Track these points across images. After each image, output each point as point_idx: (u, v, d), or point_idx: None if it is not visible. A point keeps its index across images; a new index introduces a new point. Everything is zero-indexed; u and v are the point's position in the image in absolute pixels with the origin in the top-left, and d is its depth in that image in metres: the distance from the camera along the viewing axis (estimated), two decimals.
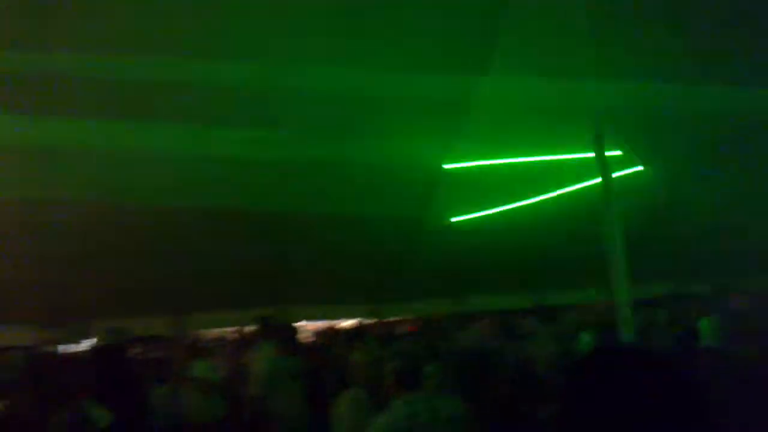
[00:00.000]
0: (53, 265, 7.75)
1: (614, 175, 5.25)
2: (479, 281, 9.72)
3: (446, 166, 6.57)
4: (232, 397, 7.29)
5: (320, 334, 10.43)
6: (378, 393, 5.40)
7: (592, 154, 5.29)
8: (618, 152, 5.68)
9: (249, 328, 9.34)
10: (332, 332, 10.13)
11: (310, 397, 6.64)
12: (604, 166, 5.12)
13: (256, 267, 8.43)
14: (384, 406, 4.13)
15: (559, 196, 7.27)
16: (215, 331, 11.21)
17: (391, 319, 10.72)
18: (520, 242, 8.47)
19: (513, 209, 7.63)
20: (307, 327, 10.65)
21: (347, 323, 11.22)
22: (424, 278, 9.21)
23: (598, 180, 5.18)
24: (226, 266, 8.23)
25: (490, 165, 6.56)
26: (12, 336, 7.89)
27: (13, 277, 7.64)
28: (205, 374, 7.47)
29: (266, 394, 6.37)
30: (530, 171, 6.73)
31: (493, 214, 7.80)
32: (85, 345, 8.45)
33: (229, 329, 10.90)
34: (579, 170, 6.30)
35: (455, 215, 7.99)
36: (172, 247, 7.73)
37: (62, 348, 8.37)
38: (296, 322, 9.60)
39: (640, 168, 6.38)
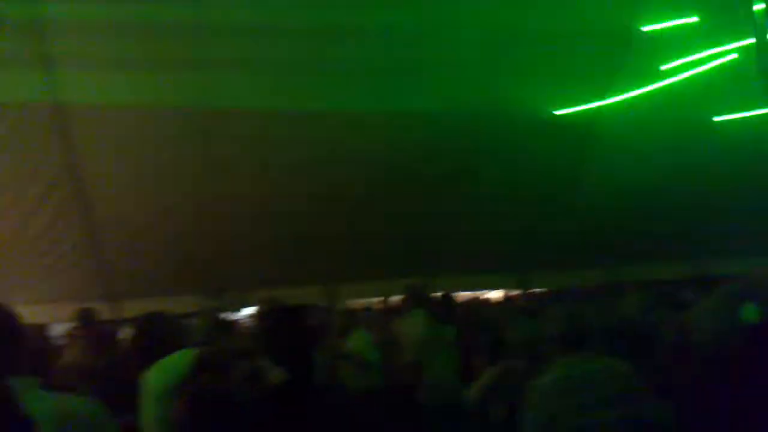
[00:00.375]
0: (214, 237, 8.23)
1: None
2: (632, 249, 9.39)
3: None
4: (386, 366, 7.44)
5: (467, 304, 10.43)
6: (532, 363, 5.38)
7: None
8: None
9: (396, 298, 9.49)
10: (480, 302, 10.12)
11: (463, 368, 6.69)
12: None
13: (405, 235, 8.57)
14: (538, 375, 4.09)
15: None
16: (361, 301, 11.47)
17: (540, 290, 10.54)
18: (679, 201, 8.14)
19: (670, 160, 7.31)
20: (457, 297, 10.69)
21: (494, 293, 11.17)
22: (573, 247, 9.01)
23: None
24: (376, 234, 8.42)
25: None
26: (180, 304, 8.41)
27: (180, 249, 8.18)
28: (361, 344, 7.65)
29: (422, 362, 6.46)
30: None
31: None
32: (245, 313, 8.89)
33: (375, 299, 11.11)
34: None
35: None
36: (325, 215, 8.01)
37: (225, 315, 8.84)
38: (441, 291, 9.68)
39: None
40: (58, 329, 7.85)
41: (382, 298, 10.89)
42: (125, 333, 7.24)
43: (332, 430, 6.11)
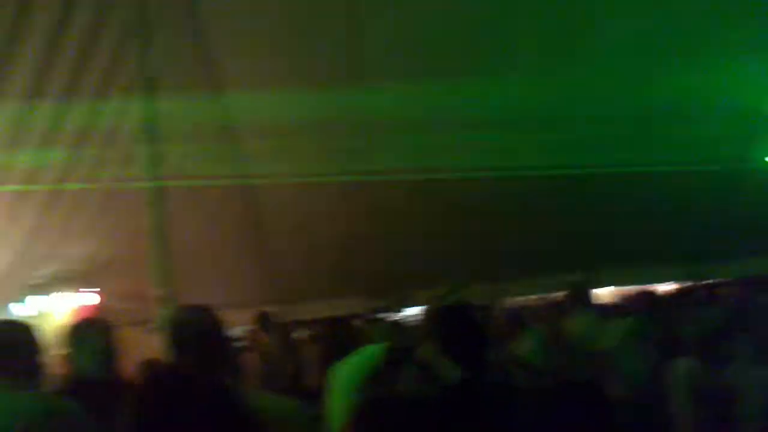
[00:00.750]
0: (379, 240, 8.41)
1: None
2: None
3: None
4: (557, 365, 7.26)
5: (633, 298, 9.97)
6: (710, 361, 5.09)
7: None
8: None
9: (559, 295, 9.26)
10: (652, 297, 9.62)
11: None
12: None
13: (567, 229, 8.37)
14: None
15: None
16: (521, 299, 11.29)
17: (713, 281, 9.92)
18: None
19: None
20: (622, 292, 10.29)
21: (665, 287, 10.63)
22: (751, 232, 8.42)
23: None
24: (537, 231, 8.29)
25: None
26: (348, 306, 8.68)
27: (347, 253, 8.44)
28: (534, 344, 7.49)
29: (600, 359, 6.30)
30: None
31: None
32: (410, 312, 9.01)
33: (535, 296, 10.91)
34: None
35: None
36: (487, 213, 7.98)
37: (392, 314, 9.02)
38: (606, 287, 9.34)
39: None
40: (235, 333, 8.29)
41: (540, 296, 10.68)
42: (301, 335, 7.57)
43: (507, 430, 6.03)
